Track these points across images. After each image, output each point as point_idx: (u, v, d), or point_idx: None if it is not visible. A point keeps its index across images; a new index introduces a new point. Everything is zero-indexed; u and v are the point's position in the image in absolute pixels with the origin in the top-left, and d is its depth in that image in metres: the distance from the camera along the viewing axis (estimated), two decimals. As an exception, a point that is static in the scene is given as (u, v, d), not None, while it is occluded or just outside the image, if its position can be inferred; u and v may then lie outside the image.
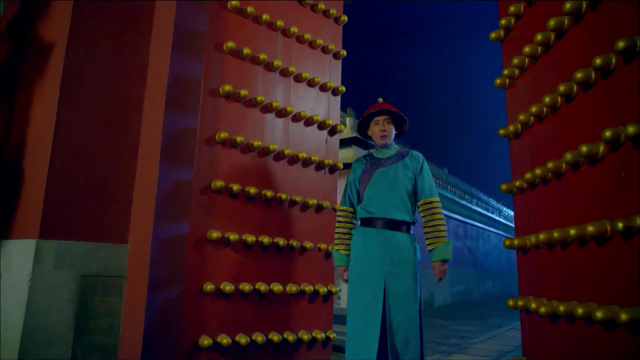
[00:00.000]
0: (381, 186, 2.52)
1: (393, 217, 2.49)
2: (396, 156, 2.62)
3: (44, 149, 2.02)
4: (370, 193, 2.54)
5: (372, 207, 2.51)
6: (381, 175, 2.55)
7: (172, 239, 2.27)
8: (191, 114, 2.41)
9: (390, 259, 2.43)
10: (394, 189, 2.51)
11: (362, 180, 2.60)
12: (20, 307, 1.85)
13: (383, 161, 2.60)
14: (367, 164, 2.63)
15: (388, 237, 2.47)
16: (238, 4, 2.65)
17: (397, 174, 2.54)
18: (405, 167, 2.58)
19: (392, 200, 2.50)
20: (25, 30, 2.41)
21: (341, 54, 3.21)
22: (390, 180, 2.53)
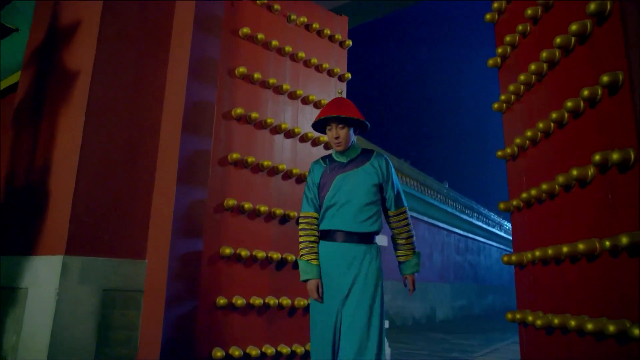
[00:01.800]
0: (342, 194, 2.29)
1: (356, 229, 2.26)
2: (359, 158, 2.38)
3: (70, 171, 2.16)
4: (330, 202, 2.30)
5: (332, 219, 2.29)
6: (342, 181, 2.31)
7: (188, 255, 2.39)
8: (205, 137, 2.55)
9: (353, 273, 2.21)
10: (357, 197, 2.28)
11: (320, 188, 2.36)
12: (48, 319, 1.97)
13: (344, 165, 2.36)
14: (326, 168, 2.38)
15: (350, 252, 2.25)
16: (249, 32, 2.81)
17: (360, 180, 2.31)
18: (369, 172, 2.35)
19: (354, 210, 2.27)
20: (50, 59, 2.56)
21: (346, 76, 3.36)
22: (352, 187, 2.30)
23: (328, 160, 2.43)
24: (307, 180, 2.43)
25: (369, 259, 2.28)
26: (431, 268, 11.33)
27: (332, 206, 2.30)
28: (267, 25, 2.95)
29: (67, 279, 2.04)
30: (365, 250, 2.28)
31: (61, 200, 2.16)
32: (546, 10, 2.10)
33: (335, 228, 2.29)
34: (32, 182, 2.37)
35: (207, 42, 2.63)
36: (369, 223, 2.29)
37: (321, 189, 2.36)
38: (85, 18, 2.41)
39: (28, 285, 2.15)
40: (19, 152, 2.54)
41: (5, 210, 2.50)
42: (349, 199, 2.28)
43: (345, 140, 2.33)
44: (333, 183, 2.32)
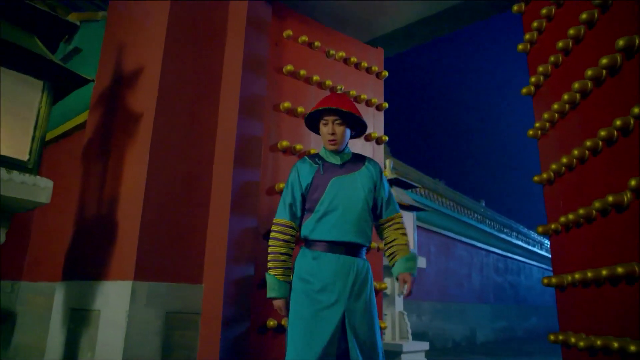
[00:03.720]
0: (339, 200, 2.05)
1: (353, 239, 2.03)
2: (353, 162, 2.17)
3: (137, 203, 2.38)
4: (327, 208, 2.04)
5: (327, 227, 2.03)
6: (338, 185, 2.08)
7: (241, 279, 2.57)
8: (254, 168, 2.74)
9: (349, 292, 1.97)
10: (355, 205, 2.06)
11: (312, 190, 2.10)
12: (120, 338, 2.17)
13: (338, 167, 2.13)
14: (318, 168, 2.13)
15: (347, 265, 2.01)
16: (292, 69, 3.02)
17: (357, 186, 2.10)
18: (366, 177, 2.13)
19: (353, 219, 2.04)
20: (115, 100, 2.84)
21: (383, 106, 3.52)
22: (350, 193, 2.07)
23: (319, 159, 2.17)
24: (289, 182, 2.15)
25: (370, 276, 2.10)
26: (470, 289, 11.16)
27: (330, 213, 2.05)
28: (308, 61, 3.16)
29: (135, 302, 2.24)
30: (368, 267, 2.10)
31: (129, 231, 2.38)
32: (577, 42, 2.21)
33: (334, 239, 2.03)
34: (101, 213, 2.62)
35: (254, 81, 2.85)
36: (366, 234, 2.10)
37: (312, 191, 2.10)
38: (147, 64, 2.68)
39: (100, 308, 2.36)
40: (88, 185, 2.80)
41: (78, 238, 2.75)
42: (348, 206, 2.06)
43: (341, 138, 2.11)
44: (328, 186, 2.08)
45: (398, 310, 5.21)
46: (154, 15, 2.78)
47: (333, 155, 2.16)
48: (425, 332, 8.78)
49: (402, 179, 5.25)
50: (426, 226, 9.30)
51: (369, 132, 3.38)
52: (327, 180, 2.10)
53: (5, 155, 2.09)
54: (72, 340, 2.51)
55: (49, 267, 3.47)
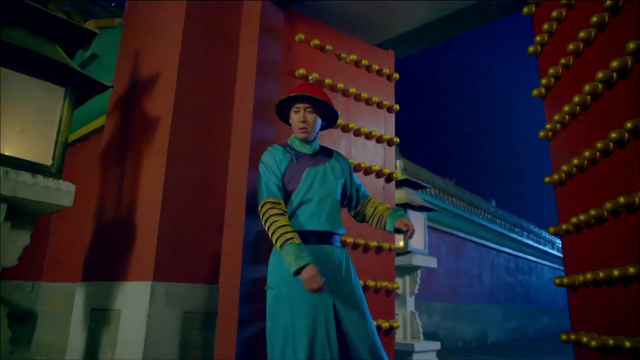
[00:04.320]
0: (315, 191, 2.03)
1: (331, 229, 2.03)
2: (322, 154, 2.18)
3: (155, 206, 2.45)
4: (303, 198, 2.01)
5: (306, 217, 2.00)
6: (314, 176, 2.06)
7: (256, 280, 2.62)
8: (268, 171, 2.79)
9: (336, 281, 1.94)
10: (330, 195, 2.06)
11: (287, 180, 2.05)
12: (140, 337, 2.23)
13: (310, 158, 2.12)
14: (291, 157, 2.08)
15: (328, 253, 1.99)
16: (304, 72, 3.07)
17: (329, 176, 2.10)
18: (336, 169, 2.15)
19: (329, 209, 2.04)
20: (132, 106, 2.91)
21: (394, 108, 3.56)
22: (325, 183, 2.06)
23: (290, 149, 2.13)
24: (265, 164, 2.06)
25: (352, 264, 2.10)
26: (481, 289, 11.13)
27: (306, 203, 2.02)
28: (320, 65, 3.20)
29: (154, 302, 2.31)
30: (347, 255, 2.12)
31: (148, 233, 2.44)
32: (587, 45, 2.23)
33: (313, 228, 1.99)
34: (120, 215, 2.69)
35: (268, 85, 2.90)
36: (340, 224, 2.11)
37: (288, 181, 2.04)
38: (163, 69, 2.74)
39: (121, 308, 2.43)
40: (107, 188, 2.88)
41: (98, 240, 2.82)
42: (323, 196, 2.04)
43: (311, 127, 2.09)
44: (303, 177, 2.04)
45: (409, 310, 5.24)
46: (170, 22, 2.84)
47: (304, 144, 2.13)
48: (436, 332, 8.78)
49: (413, 180, 5.27)
50: (437, 226, 9.30)
51: (380, 134, 3.42)
52: (301, 170, 2.06)
53: (30, 161, 2.16)
54: (93, 339, 2.58)
55: (68, 268, 3.56)
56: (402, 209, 2.29)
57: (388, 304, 3.29)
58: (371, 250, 3.26)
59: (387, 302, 3.29)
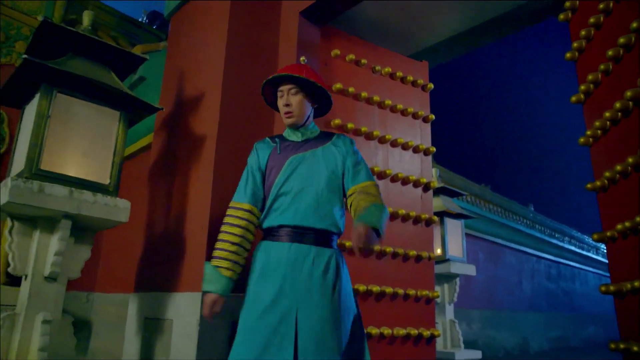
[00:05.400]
0: (297, 180, 1.79)
1: (311, 224, 1.75)
2: (318, 139, 1.91)
3: (203, 220, 2.57)
4: (280, 190, 1.79)
5: (281, 211, 1.77)
6: (296, 164, 1.81)
7: (299, 289, 2.70)
8: (309, 183, 2.88)
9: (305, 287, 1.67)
10: (315, 184, 1.78)
11: (267, 172, 1.86)
12: (192, 345, 2.34)
13: (299, 145, 1.88)
14: (275, 147, 1.90)
15: (303, 254, 1.72)
16: (341, 86, 3.16)
17: (318, 163, 1.81)
18: (332, 152, 1.85)
19: (310, 200, 1.76)
20: (178, 124, 3.06)
21: (430, 118, 3.59)
22: (310, 170, 1.80)
23: (278, 139, 1.95)
24: (247, 163, 1.93)
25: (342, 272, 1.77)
26: (521, 296, 10.87)
27: (283, 195, 1.79)
28: (356, 78, 3.28)
29: (205, 312, 2.41)
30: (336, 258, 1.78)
31: (197, 246, 2.57)
32: (628, 50, 2.22)
33: (286, 223, 1.75)
34: (170, 229, 2.83)
35: (307, 100, 2.99)
36: (331, 219, 1.78)
37: (268, 174, 1.85)
38: (207, 89, 2.88)
39: (173, 317, 2.56)
40: (156, 203, 3.03)
41: (149, 253, 2.97)
42: (305, 186, 1.77)
43: (298, 110, 1.86)
44: (284, 166, 1.81)
45: (449, 318, 5.21)
46: (212, 44, 2.99)
47: (294, 132, 1.92)
48: (475, 340, 8.63)
49: (449, 187, 5.27)
50: (473, 233, 9.17)
51: (417, 144, 3.46)
52: (284, 160, 1.84)
53: (91, 180, 2.33)
54: (147, 348, 2.72)
55: (119, 279, 3.74)
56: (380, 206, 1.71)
57: (428, 313, 3.31)
58: (411, 259, 3.29)
59: (427, 311, 3.31)
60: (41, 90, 2.25)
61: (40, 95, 2.24)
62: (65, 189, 2.17)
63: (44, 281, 2.23)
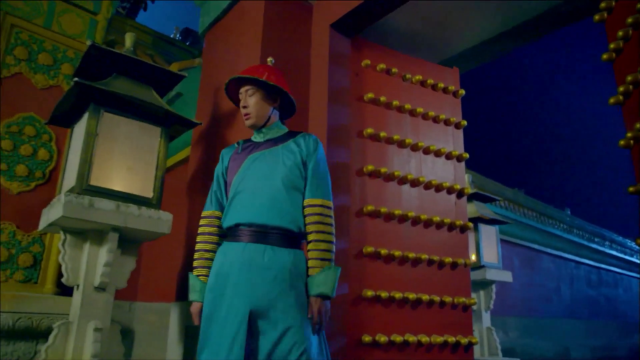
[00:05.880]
0: (252, 179, 1.77)
1: (266, 222, 1.70)
2: (280, 138, 1.89)
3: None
4: (237, 189, 1.78)
5: (237, 210, 1.75)
6: (253, 162, 1.80)
7: (337, 297, 2.73)
8: (343, 193, 2.92)
9: (262, 290, 1.63)
10: (270, 182, 1.74)
11: (228, 173, 1.88)
12: (235, 354, 2.41)
13: (259, 145, 1.88)
14: (237, 148, 1.92)
15: (258, 254, 1.68)
16: (373, 96, 3.19)
17: (276, 161, 1.78)
18: (291, 150, 1.81)
19: (265, 198, 1.72)
20: (214, 138, 3.16)
21: (462, 124, 3.58)
22: (267, 168, 1.77)
23: (242, 141, 1.97)
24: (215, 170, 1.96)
25: (287, 268, 1.68)
26: (559, 303, 10.55)
27: (239, 194, 1.77)
28: (387, 87, 3.32)
29: (246, 320, 2.48)
30: (295, 260, 1.72)
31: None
32: (667, 51, 2.18)
33: (242, 221, 1.73)
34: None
35: (339, 111, 3.05)
36: (289, 217, 1.73)
37: (229, 175, 1.87)
38: (243, 104, 2.97)
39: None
40: (195, 215, 3.12)
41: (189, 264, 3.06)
42: (260, 184, 1.75)
43: (256, 111, 1.84)
44: (242, 165, 1.81)
45: (485, 326, 5.14)
46: (247, 59, 3.08)
47: (257, 133, 1.91)
48: (513, 348, 8.42)
49: (482, 193, 5.21)
50: (507, 238, 8.99)
51: (449, 151, 3.46)
52: (243, 158, 1.85)
53: (135, 194, 2.44)
54: (189, 355, 2.80)
55: (161, 289, 3.86)
56: (330, 273, 1.74)
57: (466, 320, 3.29)
58: (446, 266, 3.28)
59: (464, 318, 3.28)
60: (89, 110, 2.38)
61: (89, 114, 2.37)
62: (112, 203, 2.28)
63: (94, 291, 2.34)
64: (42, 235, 3.43)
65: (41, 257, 3.42)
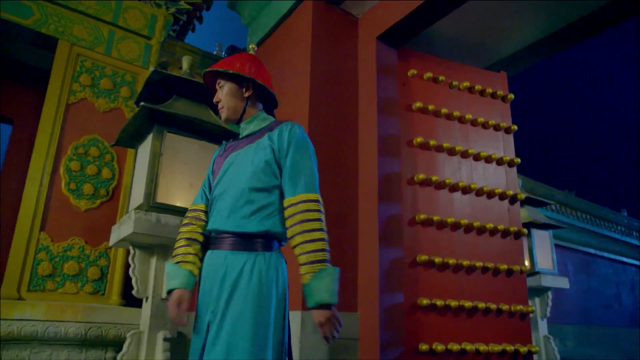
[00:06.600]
0: (225, 182, 1.66)
1: (228, 228, 1.58)
2: (259, 132, 1.72)
3: (299, 242, 2.72)
4: (214, 194, 1.68)
5: (212, 216, 1.66)
6: (229, 164, 1.69)
7: (392, 306, 2.76)
8: (395, 202, 2.95)
9: (217, 297, 1.52)
10: (236, 184, 1.61)
11: (213, 175, 1.76)
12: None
13: (239, 143, 1.76)
14: (221, 149, 1.83)
15: (219, 261, 1.57)
16: (421, 105, 3.22)
17: (246, 161, 1.64)
18: (263, 146, 1.64)
19: (228, 203, 1.60)
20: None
21: (512, 128, 3.54)
22: (237, 170, 1.64)
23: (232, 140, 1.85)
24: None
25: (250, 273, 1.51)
26: (620, 310, 10.04)
27: (215, 199, 1.68)
28: (434, 96, 3.33)
29: (305, 330, 2.55)
30: (245, 260, 1.53)
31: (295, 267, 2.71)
32: None
33: (212, 228, 1.63)
34: (266, 251, 3.01)
35: (389, 121, 3.09)
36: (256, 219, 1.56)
37: (213, 179, 1.75)
38: (294, 118, 3.06)
39: (275, 335, 2.71)
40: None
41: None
42: (228, 187, 1.63)
43: (227, 105, 1.72)
44: (221, 169, 1.71)
45: (542, 334, 5.00)
46: (296, 74, 3.18)
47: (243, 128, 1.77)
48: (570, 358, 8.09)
49: (534, 197, 5.09)
50: (560, 243, 8.68)
51: (500, 156, 3.42)
52: (222, 163, 1.74)
53: (198, 209, 2.55)
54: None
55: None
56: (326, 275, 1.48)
57: (524, 328, 3.22)
58: (502, 274, 3.23)
59: (522, 326, 3.22)
60: (153, 131, 2.53)
61: (153, 135, 2.51)
62: (177, 219, 2.41)
63: (162, 302, 2.47)
64: (107, 250, 3.63)
65: (107, 270, 3.62)
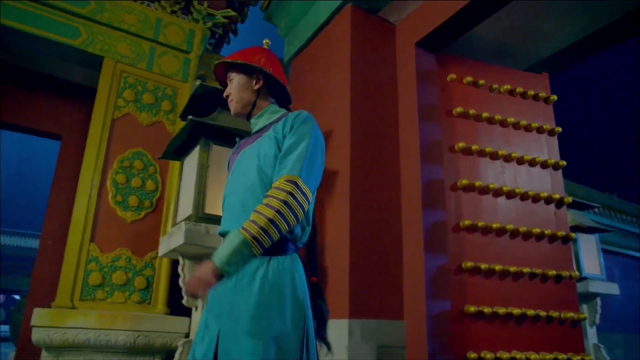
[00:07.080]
0: (233, 181, 1.59)
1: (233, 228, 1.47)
2: (269, 125, 1.62)
3: (344, 250, 2.73)
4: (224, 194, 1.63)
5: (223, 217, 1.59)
6: (240, 162, 1.61)
7: (439, 314, 2.72)
8: (439, 209, 2.92)
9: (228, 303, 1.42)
10: (243, 183, 1.53)
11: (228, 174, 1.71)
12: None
13: (249, 140, 1.68)
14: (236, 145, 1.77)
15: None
16: (461, 110, 3.18)
17: (251, 157, 1.55)
18: (268, 140, 1.54)
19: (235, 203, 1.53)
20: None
21: (556, 130, 3.45)
22: (244, 167, 1.56)
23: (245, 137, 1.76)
24: None
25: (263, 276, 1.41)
26: (670, 316, 9.57)
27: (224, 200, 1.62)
28: (475, 100, 3.29)
29: (352, 338, 2.54)
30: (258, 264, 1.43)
31: (341, 275, 2.72)
32: None
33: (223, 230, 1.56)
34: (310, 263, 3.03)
35: (429, 127, 3.07)
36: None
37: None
38: (336, 127, 3.09)
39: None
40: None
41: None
42: (235, 187, 1.56)
43: (236, 97, 1.65)
44: (232, 167, 1.64)
45: (592, 342, 4.83)
46: (337, 83, 3.21)
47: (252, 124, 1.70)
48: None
49: (578, 200, 4.94)
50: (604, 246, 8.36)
51: (544, 159, 3.34)
52: (233, 160, 1.67)
53: (245, 219, 2.60)
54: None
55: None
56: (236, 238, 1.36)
57: (575, 336, 3.12)
58: (550, 279, 3.15)
59: (574, 334, 3.12)
60: (200, 143, 2.59)
61: (200, 148, 2.58)
62: (225, 229, 2.45)
63: (211, 311, 2.51)
64: (152, 260, 3.73)
65: (153, 280, 3.71)
